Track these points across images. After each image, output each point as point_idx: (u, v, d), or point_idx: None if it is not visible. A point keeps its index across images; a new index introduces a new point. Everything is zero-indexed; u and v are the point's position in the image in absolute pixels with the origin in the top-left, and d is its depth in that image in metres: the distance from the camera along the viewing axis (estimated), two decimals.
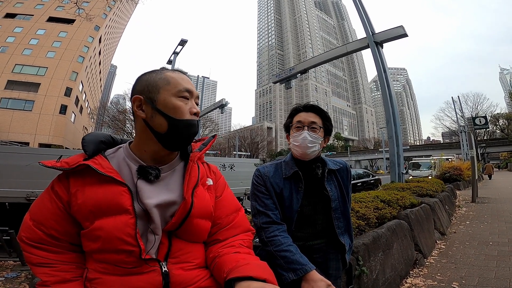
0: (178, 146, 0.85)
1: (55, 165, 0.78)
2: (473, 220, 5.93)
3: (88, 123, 48.36)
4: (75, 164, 0.78)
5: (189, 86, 0.85)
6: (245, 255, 0.85)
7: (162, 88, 0.82)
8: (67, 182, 0.79)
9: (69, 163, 0.79)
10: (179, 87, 0.83)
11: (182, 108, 0.81)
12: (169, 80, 0.83)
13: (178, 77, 0.85)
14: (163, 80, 0.83)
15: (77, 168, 0.78)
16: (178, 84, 0.83)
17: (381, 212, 3.22)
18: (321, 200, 1.36)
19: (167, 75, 0.84)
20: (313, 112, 1.36)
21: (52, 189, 0.81)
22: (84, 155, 0.82)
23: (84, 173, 0.79)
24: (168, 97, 0.81)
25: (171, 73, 0.86)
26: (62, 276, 0.76)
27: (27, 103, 33.76)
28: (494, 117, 47.62)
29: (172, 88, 0.82)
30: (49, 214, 0.78)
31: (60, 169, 0.79)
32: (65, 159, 0.81)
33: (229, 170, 7.26)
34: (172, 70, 0.88)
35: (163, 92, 0.81)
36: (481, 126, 14.45)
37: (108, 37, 52.96)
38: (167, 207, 0.82)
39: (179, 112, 0.81)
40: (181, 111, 0.81)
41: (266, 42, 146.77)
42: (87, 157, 0.81)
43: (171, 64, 17.21)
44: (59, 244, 0.79)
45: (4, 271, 3.75)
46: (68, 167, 0.78)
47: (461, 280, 2.85)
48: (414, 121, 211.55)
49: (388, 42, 8.19)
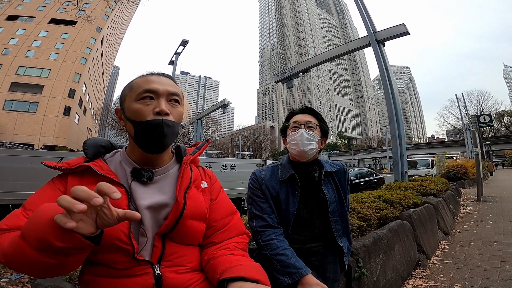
0: (151, 147, 0.84)
1: (56, 165, 0.82)
2: (477, 219, 5.86)
3: (92, 124, 48.77)
4: (76, 165, 0.82)
5: (151, 86, 0.83)
6: (239, 257, 0.86)
7: (127, 96, 0.85)
8: (65, 180, 0.83)
9: (70, 164, 0.83)
10: (139, 90, 0.83)
11: (141, 110, 0.81)
12: (132, 86, 0.85)
13: (142, 80, 0.85)
14: (128, 87, 0.86)
15: (78, 169, 0.82)
16: (138, 88, 0.83)
17: (383, 213, 3.19)
18: (318, 203, 1.35)
19: (133, 82, 0.87)
20: (309, 114, 1.38)
21: (53, 181, 0.84)
22: (84, 158, 0.87)
23: (82, 174, 0.82)
24: (130, 103, 0.83)
25: (138, 78, 0.87)
26: None
27: (31, 105, 34.09)
28: (498, 114, 47.15)
29: (133, 93, 0.83)
30: (49, 200, 0.76)
31: (61, 170, 0.83)
32: (66, 160, 0.85)
33: (231, 170, 7.25)
34: (142, 75, 0.89)
35: (127, 99, 0.85)
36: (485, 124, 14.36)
37: (110, 38, 53.30)
38: (159, 209, 0.83)
39: (138, 115, 0.81)
40: (140, 113, 0.81)
41: (268, 41, 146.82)
42: (88, 160, 0.85)
43: (173, 64, 17.28)
44: None
45: (8, 272, 3.77)
46: (69, 167, 0.82)
47: (464, 281, 2.81)
48: (418, 119, 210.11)
49: (390, 40, 8.13)
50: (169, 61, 17.43)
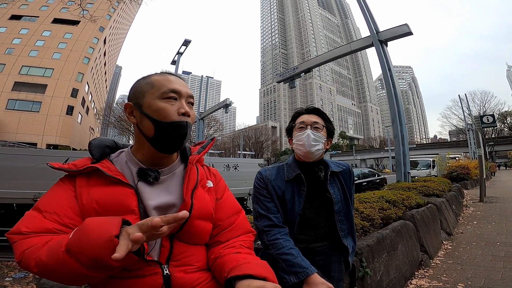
0: (169, 148, 0.84)
1: (62, 167, 0.81)
2: (480, 220, 5.85)
3: (95, 124, 48.88)
4: (83, 166, 0.81)
5: (175, 86, 0.83)
6: (245, 255, 0.86)
7: (147, 92, 0.83)
8: (73, 181, 0.81)
9: (76, 165, 0.81)
10: (163, 89, 0.82)
11: (167, 109, 0.80)
12: (153, 84, 0.83)
13: (163, 79, 0.85)
14: (148, 84, 0.84)
15: (85, 170, 0.80)
16: (162, 86, 0.82)
17: (386, 213, 3.19)
18: (324, 202, 1.36)
19: (152, 79, 0.85)
20: (315, 114, 1.38)
21: (62, 181, 0.82)
22: (90, 158, 0.85)
23: (89, 175, 0.81)
24: (152, 100, 0.81)
25: (157, 76, 0.86)
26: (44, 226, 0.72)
27: (34, 104, 34.21)
28: (502, 115, 46.84)
29: (156, 91, 0.82)
30: (65, 201, 0.77)
31: (67, 171, 0.81)
32: (72, 161, 0.84)
33: (233, 170, 7.26)
34: (160, 73, 0.88)
35: (148, 96, 0.82)
36: (488, 124, 14.25)
37: (113, 38, 53.41)
38: (166, 209, 0.83)
39: (163, 114, 0.80)
40: (166, 113, 0.80)
41: (270, 41, 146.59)
42: (95, 161, 0.84)
43: (175, 64, 17.31)
44: None
45: (12, 272, 3.81)
46: (76, 169, 0.80)
47: (467, 282, 2.81)
48: (420, 119, 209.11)
49: (392, 41, 8.09)
50: (172, 60, 17.46)
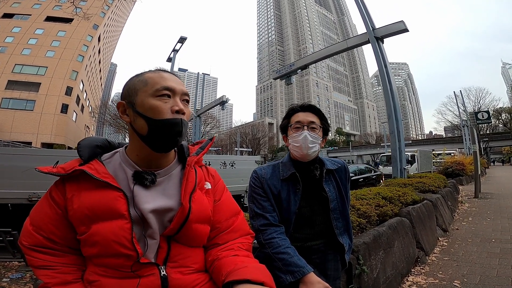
0: (163, 147, 0.82)
1: (51, 170, 0.78)
2: (475, 216, 5.90)
3: (90, 122, 48.47)
4: (70, 169, 0.78)
5: (169, 84, 0.81)
6: (243, 258, 0.85)
7: (140, 90, 0.81)
8: (63, 188, 0.80)
9: (65, 168, 0.79)
10: (157, 86, 0.80)
11: (160, 107, 0.78)
12: (146, 81, 0.81)
13: (157, 76, 0.82)
14: (141, 81, 0.82)
15: (73, 173, 0.78)
16: (155, 84, 0.80)
17: (382, 210, 3.20)
18: (320, 200, 1.35)
19: (146, 76, 0.83)
20: (311, 112, 1.35)
21: (50, 195, 0.81)
22: (80, 160, 0.83)
23: (79, 178, 0.79)
24: (145, 98, 0.79)
25: (151, 73, 0.84)
26: (63, 278, 0.77)
27: (28, 103, 33.80)
28: (496, 111, 47.18)
29: (150, 89, 0.80)
30: (48, 219, 0.79)
31: (56, 175, 0.79)
32: (61, 164, 0.81)
33: (230, 167, 7.25)
34: (154, 70, 0.86)
35: (141, 94, 0.80)
36: (483, 121, 14.35)
37: (108, 36, 52.83)
38: (164, 212, 0.82)
39: (157, 112, 0.78)
40: (159, 111, 0.78)
41: (266, 38, 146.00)
42: (83, 162, 0.81)
43: (170, 61, 17.19)
44: (59, 248, 0.80)
45: (9, 272, 3.78)
46: (64, 172, 0.78)
47: (462, 278, 2.83)
48: (416, 115, 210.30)
49: (388, 37, 8.10)
50: (167, 58, 17.34)
